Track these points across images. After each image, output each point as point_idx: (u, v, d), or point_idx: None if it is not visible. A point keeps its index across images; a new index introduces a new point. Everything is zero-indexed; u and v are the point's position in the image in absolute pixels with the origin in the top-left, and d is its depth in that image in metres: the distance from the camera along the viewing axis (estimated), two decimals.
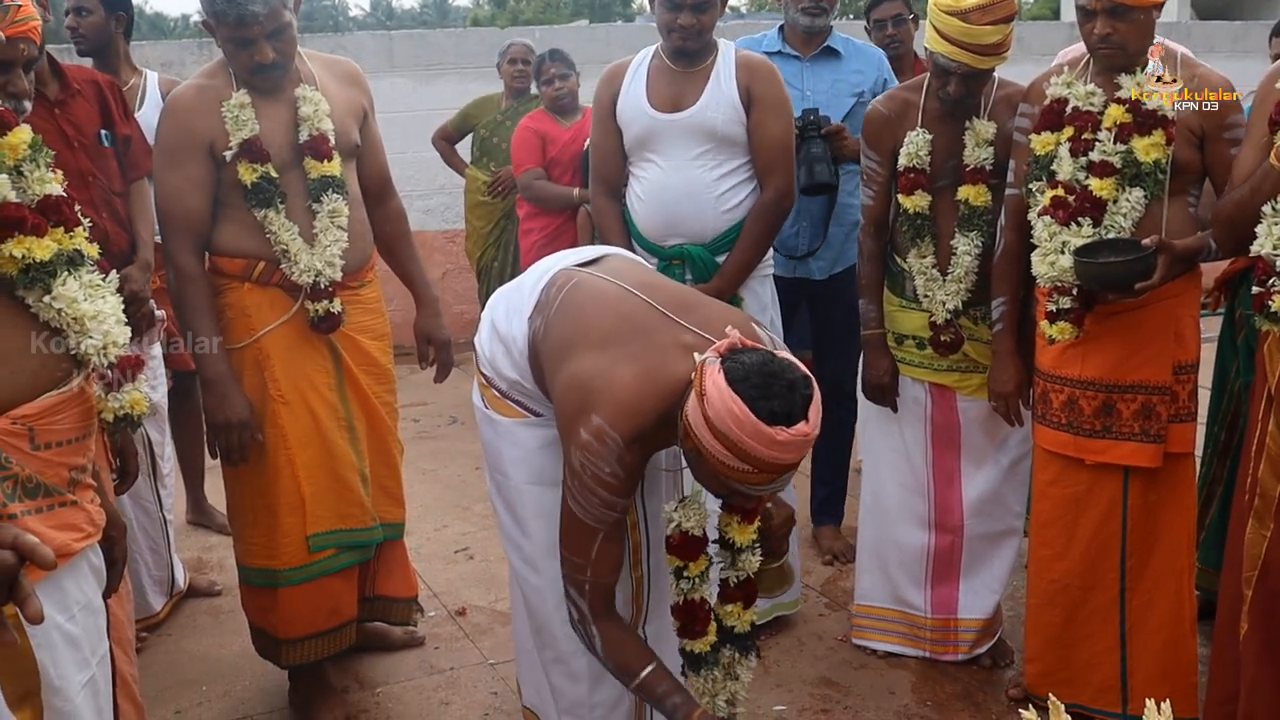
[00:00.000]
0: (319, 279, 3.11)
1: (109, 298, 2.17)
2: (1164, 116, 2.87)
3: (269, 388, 3.16)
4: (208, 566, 4.50)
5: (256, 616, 3.35)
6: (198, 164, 3.08)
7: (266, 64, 3.03)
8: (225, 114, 3.06)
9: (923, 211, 3.36)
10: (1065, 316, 2.99)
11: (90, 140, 3.50)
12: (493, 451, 2.81)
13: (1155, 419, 2.97)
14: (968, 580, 3.59)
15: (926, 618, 3.62)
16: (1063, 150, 3.00)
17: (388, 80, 7.62)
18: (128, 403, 2.39)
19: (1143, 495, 3.04)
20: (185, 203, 3.10)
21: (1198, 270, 3.04)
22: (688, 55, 3.48)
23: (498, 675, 3.59)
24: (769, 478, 2.20)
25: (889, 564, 3.65)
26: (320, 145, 3.13)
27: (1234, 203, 2.61)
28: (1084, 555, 3.11)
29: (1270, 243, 2.46)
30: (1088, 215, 2.93)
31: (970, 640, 3.61)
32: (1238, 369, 3.55)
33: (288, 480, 3.19)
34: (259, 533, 3.23)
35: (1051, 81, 3.09)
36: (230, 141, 3.06)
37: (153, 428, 3.90)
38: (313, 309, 3.15)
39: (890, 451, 3.62)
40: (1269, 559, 2.63)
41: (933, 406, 3.51)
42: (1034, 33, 10.32)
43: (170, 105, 3.14)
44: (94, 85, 3.58)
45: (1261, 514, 2.65)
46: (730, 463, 2.17)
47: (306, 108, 3.13)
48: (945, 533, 3.57)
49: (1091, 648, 3.15)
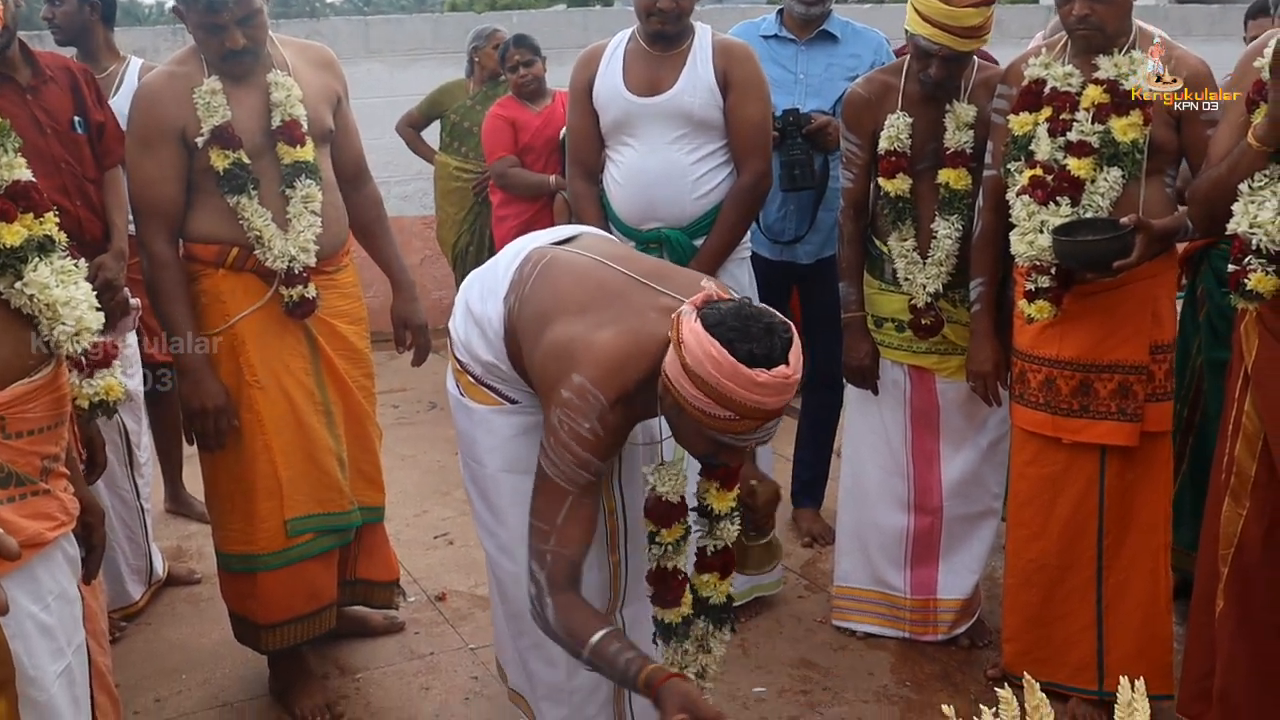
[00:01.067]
0: (293, 264, 3.10)
1: (81, 283, 2.15)
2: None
3: (244, 373, 3.15)
4: (187, 555, 4.48)
5: (235, 603, 3.35)
6: (170, 151, 3.07)
7: (237, 50, 3.01)
8: (197, 100, 3.05)
9: (903, 195, 3.37)
10: (1044, 295, 3.01)
11: (63, 127, 3.46)
12: (467, 439, 2.80)
13: (1132, 398, 2.99)
14: (947, 561, 3.61)
15: (906, 598, 3.64)
16: (1041, 131, 3.01)
17: (364, 66, 7.57)
18: (102, 388, 2.38)
19: (1120, 474, 3.05)
20: (158, 190, 3.09)
21: (1174, 251, 3.06)
22: (665, 39, 3.46)
23: (478, 660, 3.59)
24: (752, 424, 2.17)
25: (869, 545, 3.66)
26: (293, 131, 3.11)
27: (1210, 182, 2.62)
28: (1061, 534, 3.13)
29: (1247, 221, 2.47)
30: (1066, 195, 2.94)
31: (949, 620, 3.62)
32: (1199, 345, 3.58)
33: (264, 465, 3.18)
34: (236, 519, 3.23)
35: (1029, 63, 3.10)
36: (202, 128, 3.04)
37: (129, 416, 3.88)
38: (287, 294, 3.14)
39: (869, 434, 3.63)
40: (1245, 537, 2.66)
41: (911, 389, 3.53)
42: (1012, 15, 10.33)
43: (141, 92, 3.13)
44: (67, 72, 3.54)
45: (1238, 492, 2.67)
46: (711, 410, 2.14)
47: (279, 93, 3.11)
48: (924, 514, 3.59)
49: (1068, 626, 3.18)
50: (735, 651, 3.60)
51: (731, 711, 3.28)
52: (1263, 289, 2.47)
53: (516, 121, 5.51)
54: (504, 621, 2.90)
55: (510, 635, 2.86)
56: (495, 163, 5.53)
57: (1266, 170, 2.48)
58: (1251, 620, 2.66)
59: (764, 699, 3.36)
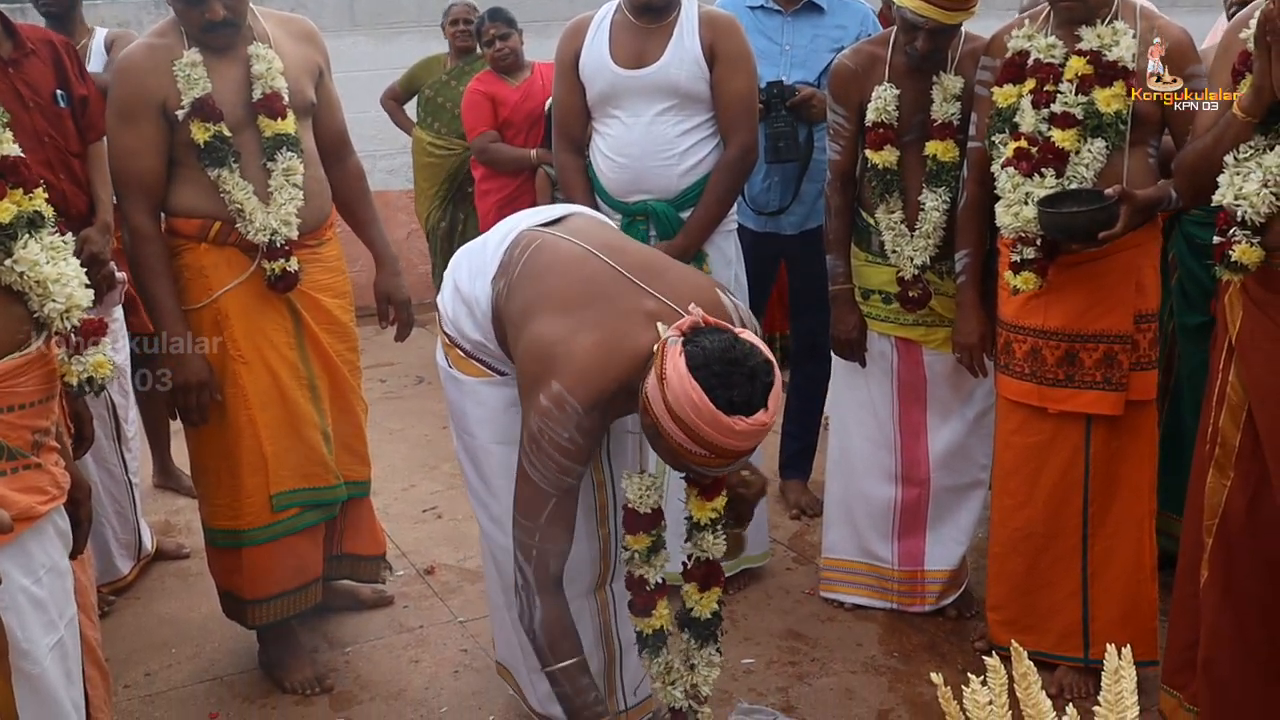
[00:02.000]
0: (274, 238, 3.10)
1: (70, 260, 2.15)
2: (1124, 67, 2.89)
3: (228, 348, 3.15)
4: (175, 529, 4.49)
5: (223, 578, 3.35)
6: (150, 123, 3.05)
7: (218, 21, 2.99)
8: (176, 73, 3.02)
9: (891, 166, 3.37)
10: (1029, 267, 3.02)
11: (46, 101, 3.44)
12: (458, 411, 2.81)
13: (1117, 367, 3.01)
14: (934, 531, 3.63)
15: (894, 569, 3.66)
16: (1025, 103, 3.02)
17: (349, 39, 7.53)
18: (91, 365, 2.37)
19: (1105, 443, 3.07)
20: (139, 163, 3.08)
21: (1157, 221, 3.07)
22: (651, 10, 3.45)
23: (467, 633, 3.61)
24: (724, 462, 2.25)
25: (856, 517, 3.69)
26: (274, 103, 3.10)
27: (1196, 153, 2.63)
28: (1047, 503, 3.15)
29: (1232, 193, 2.48)
30: (1050, 166, 2.95)
31: (937, 591, 3.65)
32: (1170, 310, 3.59)
33: (249, 440, 3.18)
34: (222, 493, 3.23)
35: (1013, 34, 3.10)
36: (182, 100, 3.02)
37: (115, 391, 3.88)
38: (269, 268, 3.13)
39: (857, 406, 3.65)
40: (1229, 507, 2.67)
41: (899, 361, 3.54)
42: None
43: (121, 65, 3.11)
44: (49, 45, 3.51)
45: (1222, 463, 2.69)
46: (687, 446, 2.20)
47: (259, 65, 3.10)
48: (912, 486, 3.61)
49: (1053, 594, 3.20)
50: (724, 623, 3.62)
51: (721, 683, 3.27)
52: (1247, 260, 2.49)
53: (495, 96, 5.48)
54: (498, 593, 2.92)
55: (504, 606, 2.87)
56: (476, 138, 5.50)
57: (1251, 142, 2.49)
58: (1235, 590, 2.68)
59: (753, 670, 3.38)
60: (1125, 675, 1.43)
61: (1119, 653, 1.46)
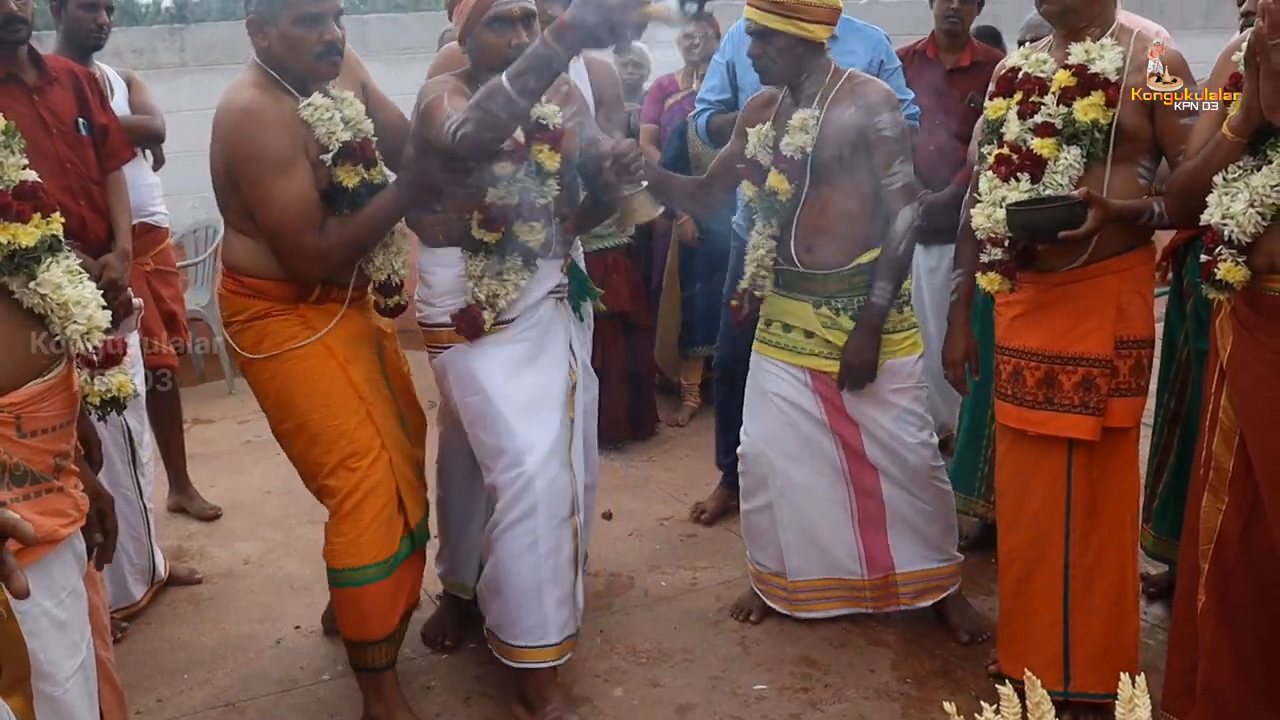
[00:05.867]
0: (391, 276, 3.18)
1: (88, 282, 2.18)
2: (1106, 80, 2.89)
3: (353, 389, 3.13)
4: (188, 555, 4.50)
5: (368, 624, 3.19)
6: (306, 168, 2.98)
7: (335, 43, 2.95)
8: (309, 119, 2.96)
9: (752, 199, 3.50)
10: (997, 268, 3.04)
11: (68, 128, 3.50)
12: (465, 378, 3.18)
13: (1095, 391, 2.99)
14: (896, 532, 3.60)
15: (864, 579, 3.64)
16: (1012, 114, 3.05)
17: None
18: (114, 385, 2.39)
19: (1086, 469, 3.06)
20: (315, 200, 2.99)
21: (1149, 246, 3.07)
22: None
23: (480, 659, 3.60)
24: None
25: (819, 537, 3.63)
26: (365, 150, 3.07)
27: (1187, 173, 2.66)
28: (1031, 527, 3.15)
29: (1220, 212, 2.52)
30: (1027, 172, 2.97)
31: (911, 592, 3.64)
32: (1186, 336, 3.59)
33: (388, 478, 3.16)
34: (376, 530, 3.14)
35: (1011, 56, 3.15)
36: (329, 143, 2.98)
37: (131, 416, 3.91)
38: (385, 301, 3.23)
39: (785, 435, 3.60)
40: (1223, 532, 2.68)
41: (813, 379, 3.53)
42: (1004, 10, 10.34)
43: (258, 116, 2.93)
44: (71, 75, 3.59)
45: (1216, 487, 2.70)
46: (469, 3, 2.92)
47: (349, 109, 3.07)
48: (863, 494, 3.58)
49: (1035, 623, 3.18)
50: (736, 649, 3.63)
51: (733, 709, 3.30)
52: (1232, 279, 2.52)
53: None
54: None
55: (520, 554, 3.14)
56: None
57: (1240, 162, 2.51)
58: (1232, 614, 2.68)
59: (765, 696, 3.38)
60: (1139, 705, 1.43)
61: (1133, 681, 1.46)
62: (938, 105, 4.64)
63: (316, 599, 3.97)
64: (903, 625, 3.70)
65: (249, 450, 5.77)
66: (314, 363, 3.10)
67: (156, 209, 4.66)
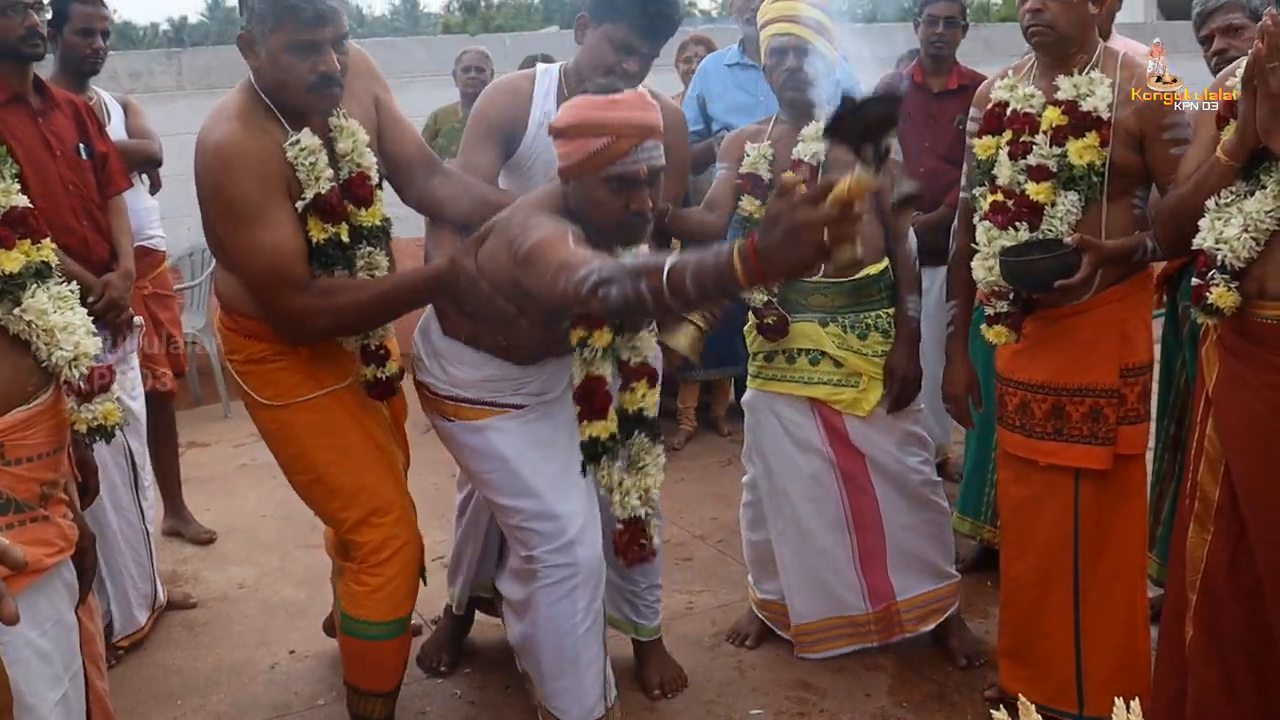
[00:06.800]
0: (369, 341, 2.96)
1: (78, 308, 2.16)
2: (1098, 118, 2.88)
3: (369, 439, 3.03)
4: (182, 579, 4.48)
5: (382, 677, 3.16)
6: (286, 214, 2.75)
7: (332, 75, 2.68)
8: (293, 159, 2.71)
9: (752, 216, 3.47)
10: (1003, 320, 3.03)
11: (70, 152, 3.55)
12: (479, 452, 3.02)
13: (1103, 421, 2.98)
14: (897, 562, 3.57)
15: (867, 614, 3.61)
16: (1003, 154, 3.03)
17: None
18: (101, 413, 2.38)
19: (1094, 497, 3.05)
20: (293, 254, 2.75)
21: (1148, 272, 3.06)
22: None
23: (474, 684, 3.59)
24: (630, 142, 2.52)
25: (822, 576, 3.59)
26: (360, 188, 2.86)
27: (1178, 199, 2.64)
28: (1040, 555, 3.13)
29: (1213, 237, 2.51)
30: (1024, 220, 2.95)
31: (914, 618, 3.61)
32: (1183, 361, 3.59)
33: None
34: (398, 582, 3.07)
35: (995, 85, 3.11)
36: (304, 192, 2.74)
37: (133, 438, 3.90)
38: (366, 373, 3.00)
39: (790, 469, 3.56)
40: (1210, 562, 2.66)
41: (818, 413, 3.49)
42: (1002, 34, 10.39)
43: (230, 159, 2.69)
44: (71, 104, 3.68)
45: (1202, 517, 2.68)
46: (595, 147, 2.52)
47: (345, 142, 2.83)
48: (865, 531, 3.55)
49: (1047, 647, 3.17)
50: (732, 674, 3.61)
51: None
52: (1223, 304, 2.52)
53: None
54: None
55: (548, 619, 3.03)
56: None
57: (1233, 187, 2.51)
58: (1221, 645, 2.66)
59: None
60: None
61: (1128, 706, 1.45)
62: (927, 129, 4.67)
63: (311, 623, 3.96)
64: (900, 649, 3.68)
65: (244, 474, 5.76)
66: (324, 415, 2.95)
67: (154, 232, 4.67)
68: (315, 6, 2.60)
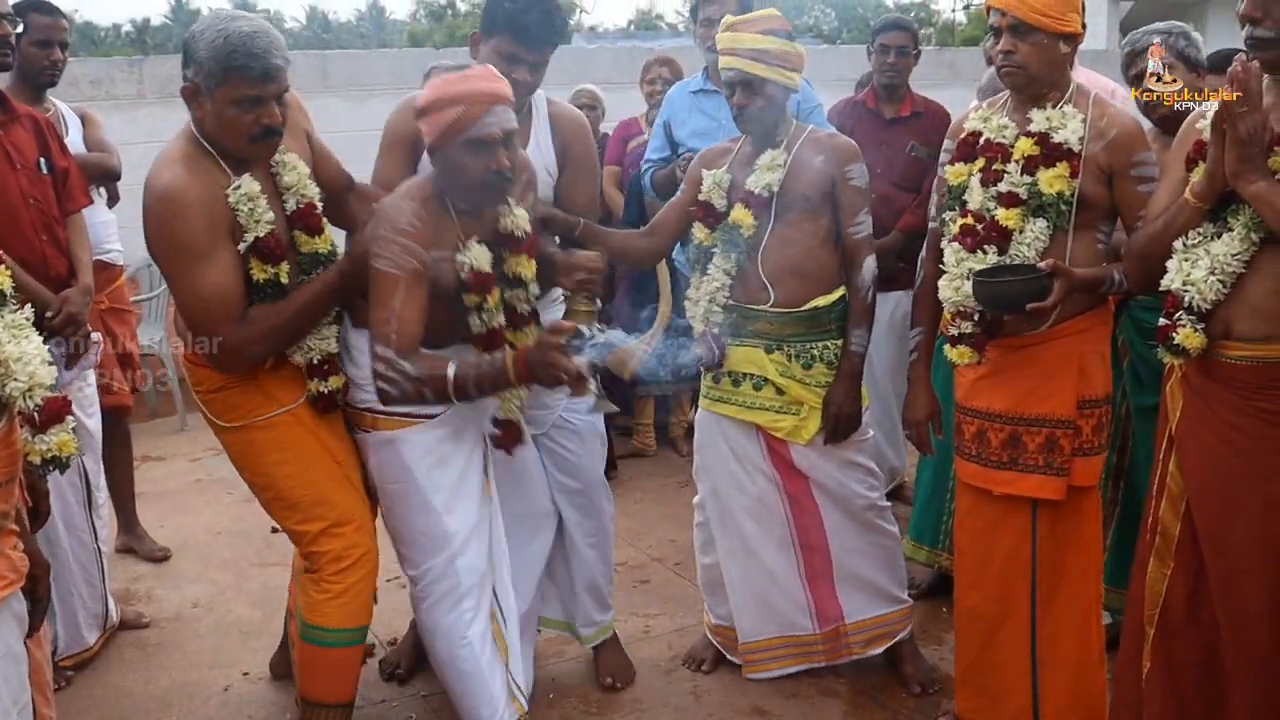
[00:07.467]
0: (311, 355, 3.03)
1: (33, 337, 2.14)
2: (1069, 150, 2.92)
3: (330, 456, 3.10)
4: (135, 598, 4.44)
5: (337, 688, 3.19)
6: (227, 254, 2.87)
7: (275, 127, 2.81)
8: (234, 203, 2.84)
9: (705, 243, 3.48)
10: (966, 341, 3.06)
11: (31, 166, 3.52)
12: (392, 466, 3.10)
13: (1059, 452, 3.01)
14: (844, 584, 3.58)
15: (815, 634, 3.62)
16: (974, 181, 3.07)
17: (322, 100, 7.56)
18: (55, 445, 2.36)
19: (1050, 528, 3.07)
20: (234, 291, 2.88)
21: (1107, 306, 3.10)
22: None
23: (429, 707, 3.58)
24: (482, 107, 2.78)
25: (769, 595, 3.61)
26: (309, 218, 3.01)
27: (1147, 237, 2.68)
28: (996, 585, 3.16)
29: (1180, 278, 2.54)
30: (993, 244, 2.99)
31: (862, 640, 3.63)
32: (1124, 392, 3.63)
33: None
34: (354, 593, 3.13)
35: (969, 117, 3.16)
36: (245, 235, 2.86)
37: (88, 456, 3.84)
38: (312, 387, 3.06)
39: (735, 488, 3.58)
40: (1169, 597, 2.70)
41: (762, 435, 3.50)
42: (966, 58, 10.48)
43: (175, 201, 2.78)
44: (32, 119, 3.64)
45: (1162, 553, 2.72)
46: (451, 117, 2.77)
47: (289, 175, 2.97)
48: (811, 551, 3.56)
49: (1003, 677, 3.18)
50: (688, 699, 3.62)
51: None
52: (1189, 345, 2.55)
53: None
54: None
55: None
56: None
57: (1200, 228, 2.55)
58: (1178, 679, 2.69)
59: None
60: None
61: None
62: (879, 155, 4.71)
63: (265, 644, 3.93)
64: (854, 675, 3.70)
65: (200, 489, 5.69)
66: (282, 430, 3.04)
67: (111, 246, 4.65)
68: (263, 64, 2.73)
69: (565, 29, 3.45)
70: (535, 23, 3.25)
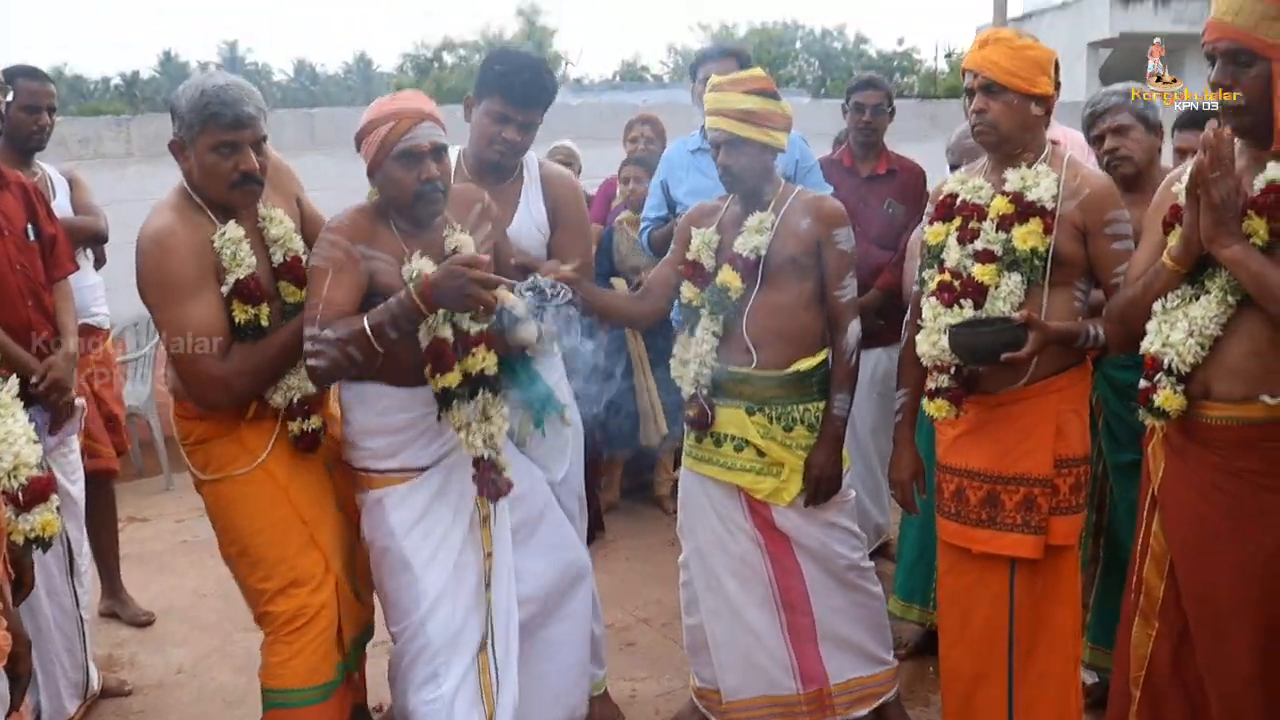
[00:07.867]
0: (291, 394, 3.09)
1: (18, 416, 2.15)
2: (1043, 207, 2.97)
3: (295, 512, 3.15)
4: (118, 664, 4.40)
5: None
6: (213, 295, 3.00)
7: (253, 173, 2.97)
8: (219, 247, 2.99)
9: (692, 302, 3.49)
10: (943, 395, 3.09)
11: (18, 233, 3.54)
12: (379, 527, 3.12)
13: (1036, 510, 3.03)
14: (827, 644, 3.56)
15: (799, 694, 3.59)
16: (952, 239, 3.11)
17: (309, 158, 7.58)
18: (38, 524, 2.35)
19: (1028, 587, 3.08)
20: (219, 327, 3.00)
21: (1085, 366, 3.13)
22: (500, 170, 3.49)
23: None
24: (410, 121, 2.92)
25: (752, 655, 3.58)
26: (295, 270, 3.10)
27: (1127, 300, 2.72)
28: (975, 644, 3.16)
29: (1159, 340, 2.58)
30: (970, 298, 3.03)
31: (846, 702, 3.60)
32: (1099, 450, 3.65)
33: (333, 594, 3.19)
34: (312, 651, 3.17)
35: (948, 181, 3.21)
36: (227, 277, 2.99)
37: (70, 523, 3.80)
38: (294, 427, 3.13)
39: (718, 549, 3.57)
40: (1155, 658, 2.70)
41: (745, 496, 3.50)
42: (946, 111, 10.58)
43: (165, 243, 2.96)
44: (20, 186, 3.65)
45: (1147, 613, 2.72)
46: (381, 132, 2.90)
47: (276, 228, 3.11)
48: (794, 611, 3.54)
49: None
50: None
51: None
52: (1169, 407, 2.58)
53: None
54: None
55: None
56: None
57: (1179, 291, 2.58)
58: None
59: None
60: None
61: None
62: (857, 213, 4.73)
63: (249, 712, 3.89)
64: None
65: (185, 550, 5.68)
66: (254, 488, 3.11)
67: (98, 310, 4.66)
68: (234, 111, 2.92)
69: (555, 90, 3.52)
70: (525, 84, 3.36)
